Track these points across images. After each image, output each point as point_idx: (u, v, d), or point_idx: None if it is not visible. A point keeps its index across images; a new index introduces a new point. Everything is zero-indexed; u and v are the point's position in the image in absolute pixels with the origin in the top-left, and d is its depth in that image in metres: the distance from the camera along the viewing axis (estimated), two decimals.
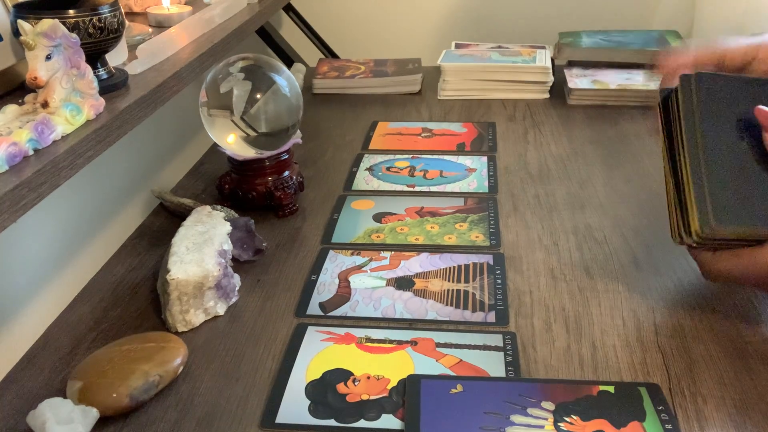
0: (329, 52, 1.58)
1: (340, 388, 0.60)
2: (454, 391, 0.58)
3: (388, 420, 0.56)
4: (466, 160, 1.03)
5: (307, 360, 0.63)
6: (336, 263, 0.78)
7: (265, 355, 0.65)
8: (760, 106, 0.63)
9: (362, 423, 0.56)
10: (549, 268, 0.76)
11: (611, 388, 0.58)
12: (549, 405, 0.57)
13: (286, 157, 0.88)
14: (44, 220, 0.77)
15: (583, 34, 1.39)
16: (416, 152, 1.06)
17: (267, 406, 0.58)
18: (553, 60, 1.32)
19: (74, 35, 0.67)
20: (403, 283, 0.74)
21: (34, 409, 0.54)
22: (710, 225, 0.61)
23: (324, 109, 1.25)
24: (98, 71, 0.76)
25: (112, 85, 0.77)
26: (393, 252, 0.80)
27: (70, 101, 0.67)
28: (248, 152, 0.86)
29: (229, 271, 0.71)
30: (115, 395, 0.57)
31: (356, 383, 0.60)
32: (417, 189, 0.95)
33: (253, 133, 0.83)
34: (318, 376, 0.61)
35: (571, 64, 1.33)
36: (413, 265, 0.77)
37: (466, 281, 0.74)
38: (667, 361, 0.62)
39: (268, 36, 1.50)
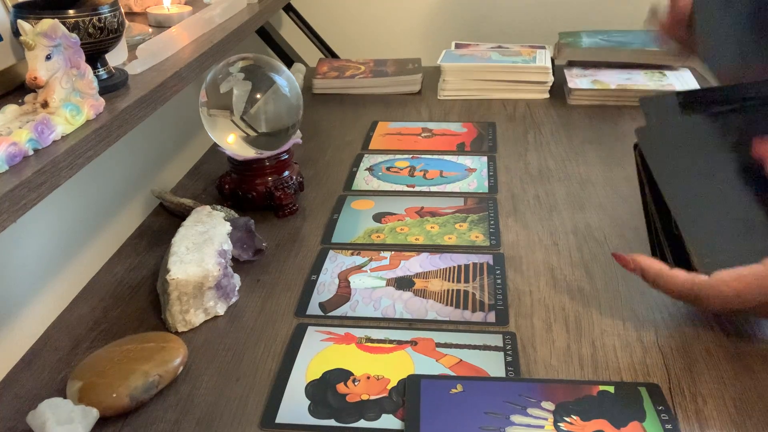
0: (329, 52, 1.58)
1: (340, 388, 0.60)
2: (454, 391, 0.58)
3: (388, 420, 0.56)
4: (466, 160, 1.03)
5: (307, 360, 0.63)
6: (336, 263, 0.78)
7: (265, 355, 0.65)
8: (756, 143, 0.63)
9: (362, 423, 0.56)
10: (549, 268, 0.76)
11: (611, 388, 0.58)
12: (549, 405, 0.57)
13: (286, 157, 0.88)
14: (44, 220, 0.77)
15: (583, 34, 1.39)
16: (416, 152, 1.06)
17: (267, 406, 0.58)
18: (553, 60, 1.32)
19: (74, 35, 0.67)
20: (403, 283, 0.74)
21: (34, 409, 0.54)
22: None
23: (324, 109, 1.25)
24: (98, 71, 0.76)
25: (112, 85, 0.77)
26: (393, 252, 0.80)
27: (70, 101, 0.67)
28: (248, 152, 0.86)
29: (229, 271, 0.71)
30: (115, 395, 0.57)
31: (356, 383, 0.60)
32: (417, 189, 0.95)
33: (253, 133, 0.83)
34: (318, 376, 0.61)
35: (571, 64, 1.33)
36: (413, 265, 0.77)
37: (466, 281, 0.74)
38: (667, 361, 0.62)
39: (268, 36, 1.50)
